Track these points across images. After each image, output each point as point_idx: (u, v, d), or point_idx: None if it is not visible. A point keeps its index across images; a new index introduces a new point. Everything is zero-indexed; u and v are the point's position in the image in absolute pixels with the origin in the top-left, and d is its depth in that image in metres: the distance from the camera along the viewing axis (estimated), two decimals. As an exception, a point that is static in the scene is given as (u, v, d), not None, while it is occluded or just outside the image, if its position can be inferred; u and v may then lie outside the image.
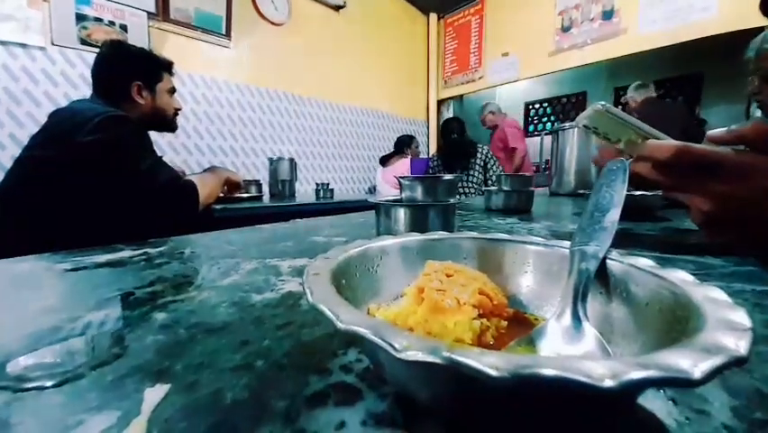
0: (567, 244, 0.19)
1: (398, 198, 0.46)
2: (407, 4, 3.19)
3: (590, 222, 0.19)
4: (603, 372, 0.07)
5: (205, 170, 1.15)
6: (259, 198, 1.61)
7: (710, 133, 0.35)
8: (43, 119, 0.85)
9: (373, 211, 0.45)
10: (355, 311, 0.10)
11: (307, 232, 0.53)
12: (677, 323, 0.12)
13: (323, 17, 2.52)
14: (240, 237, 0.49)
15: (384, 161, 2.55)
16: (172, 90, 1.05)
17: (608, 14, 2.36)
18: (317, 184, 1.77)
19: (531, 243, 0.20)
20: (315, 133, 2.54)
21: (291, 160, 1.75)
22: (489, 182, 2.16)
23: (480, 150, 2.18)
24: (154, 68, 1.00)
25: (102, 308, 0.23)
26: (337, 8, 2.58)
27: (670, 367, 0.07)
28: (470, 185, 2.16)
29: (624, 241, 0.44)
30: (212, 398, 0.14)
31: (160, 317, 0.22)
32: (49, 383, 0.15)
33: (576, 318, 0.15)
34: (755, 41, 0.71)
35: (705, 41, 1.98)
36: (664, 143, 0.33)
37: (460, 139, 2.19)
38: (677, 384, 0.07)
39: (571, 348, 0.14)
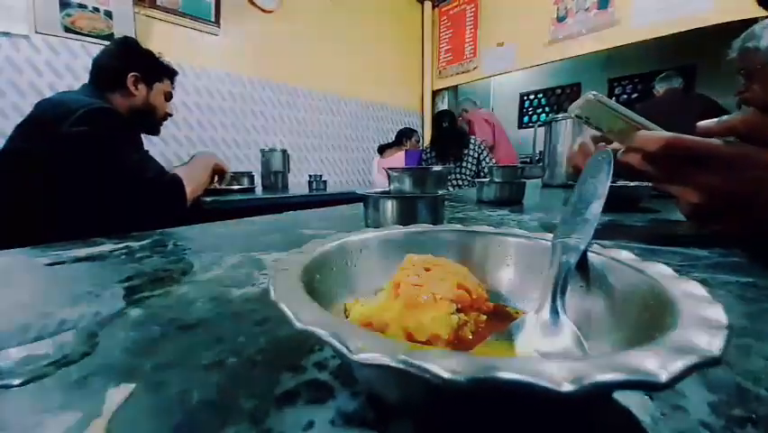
0: (550, 236, 0.19)
1: (386, 189, 0.46)
2: (402, -8, 3.13)
3: (573, 214, 0.18)
4: (563, 375, 0.07)
5: (191, 157, 1.09)
6: (251, 190, 1.60)
7: (700, 124, 0.34)
8: (28, 110, 0.82)
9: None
10: (318, 310, 0.10)
11: (296, 224, 0.52)
12: (653, 319, 0.12)
13: (315, 4, 2.46)
14: (226, 230, 0.48)
15: (381, 150, 2.54)
16: (169, 96, 1.05)
17: (603, 3, 2.33)
18: (310, 176, 1.76)
19: (513, 235, 0.20)
20: (308, 124, 2.51)
21: (284, 151, 1.73)
22: (482, 174, 2.16)
23: (473, 141, 2.17)
24: (157, 68, 1.00)
25: (75, 304, 0.23)
26: (330, -5, 2.52)
27: (635, 369, 0.07)
28: (463, 177, 2.16)
29: (611, 232, 0.44)
30: (178, 398, 0.13)
31: (134, 313, 0.21)
32: (15, 382, 0.15)
33: (554, 312, 0.14)
34: (737, 40, 0.71)
35: (699, 33, 1.97)
36: (654, 134, 0.32)
37: (451, 128, 2.18)
38: (642, 387, 0.07)
39: (548, 343, 0.14)
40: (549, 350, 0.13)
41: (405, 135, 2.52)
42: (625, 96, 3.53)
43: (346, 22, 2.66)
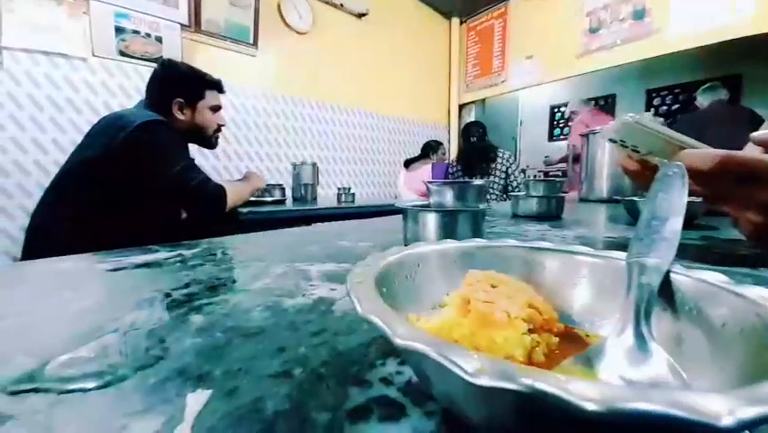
0: (619, 254, 0.18)
1: (425, 202, 0.45)
2: (429, 10, 3.19)
3: (648, 231, 0.17)
4: (719, 408, 0.06)
5: (245, 175, 1.24)
6: (282, 202, 1.64)
7: (754, 135, 0.32)
8: (84, 126, 0.91)
9: (396, 216, 0.44)
10: (411, 325, 0.10)
11: (332, 236, 0.53)
12: (765, 348, 0.11)
13: (346, 24, 2.56)
14: (267, 241, 0.50)
15: (408, 164, 2.55)
16: (216, 108, 1.09)
17: (639, 14, 2.27)
18: (339, 188, 1.79)
19: (580, 252, 0.19)
20: (338, 138, 2.57)
21: (314, 164, 1.77)
22: (510, 188, 2.11)
23: (500, 155, 2.14)
24: (197, 87, 1.04)
25: (141, 309, 0.24)
26: (360, 15, 2.61)
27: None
28: (491, 190, 2.12)
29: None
30: (253, 406, 0.14)
31: (197, 319, 0.22)
32: (91, 385, 0.15)
33: (640, 338, 0.13)
34: None
35: (743, 42, 1.87)
36: (704, 152, 0.30)
37: (479, 142, 2.16)
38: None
39: (637, 371, 0.13)
40: (638, 378, 0.13)
41: (431, 148, 2.51)
42: (664, 108, 3.37)
43: (375, 40, 2.73)
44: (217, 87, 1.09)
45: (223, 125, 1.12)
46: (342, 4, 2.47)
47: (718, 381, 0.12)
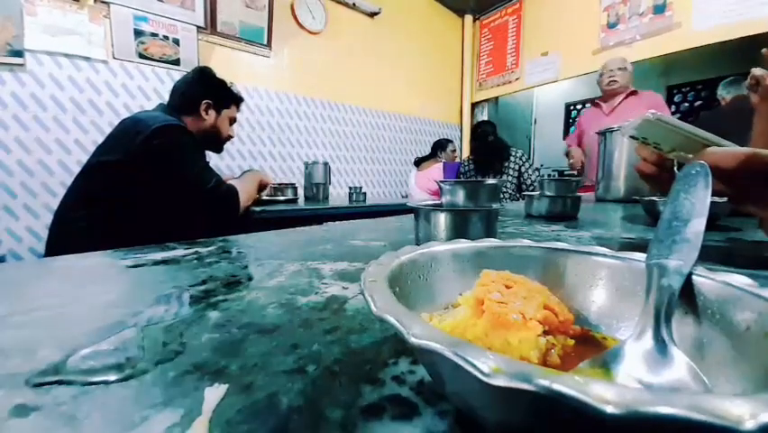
0: (640, 256, 0.18)
1: (437, 202, 0.45)
2: (442, 7, 3.17)
3: (669, 233, 0.17)
4: (741, 411, 0.06)
5: (243, 173, 1.26)
6: (294, 201, 1.66)
7: None
8: (105, 127, 0.95)
9: (408, 215, 0.44)
10: (426, 324, 0.10)
11: (344, 235, 0.53)
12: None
13: (358, 24, 2.56)
14: (281, 239, 0.50)
15: (418, 163, 2.54)
16: (233, 120, 1.19)
17: (659, 8, 2.20)
18: (350, 188, 1.79)
19: (597, 253, 0.18)
20: (349, 137, 2.58)
21: (325, 164, 1.78)
22: (524, 187, 2.08)
23: (513, 154, 2.11)
24: (227, 96, 1.13)
25: (159, 304, 0.25)
26: (372, 15, 2.61)
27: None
28: (504, 190, 2.10)
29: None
30: (268, 401, 0.14)
31: (213, 315, 0.23)
32: (113, 378, 0.16)
33: (660, 341, 0.13)
34: None
35: (770, 35, 1.79)
36: (730, 150, 0.29)
37: (494, 141, 2.13)
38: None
39: (657, 375, 0.12)
40: (657, 382, 0.12)
41: (440, 147, 2.49)
42: (686, 105, 3.26)
43: (387, 39, 2.73)
44: (240, 102, 1.20)
45: (232, 137, 1.21)
46: (354, 4, 2.48)
47: (741, 385, 0.11)
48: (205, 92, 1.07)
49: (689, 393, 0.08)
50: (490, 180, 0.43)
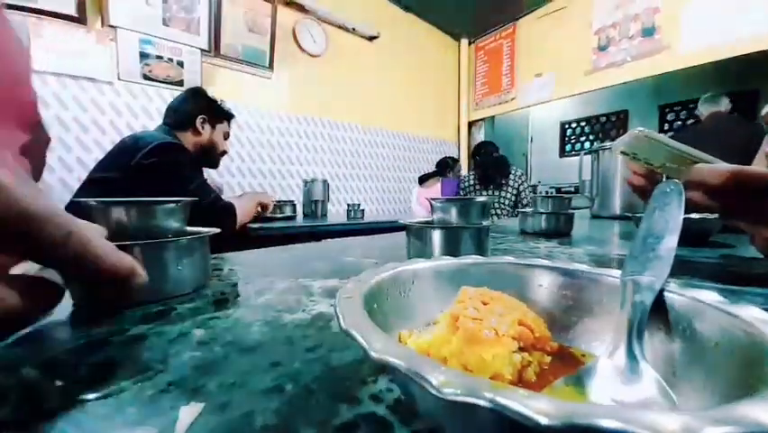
0: (616, 272, 0.18)
1: (430, 219, 0.46)
2: (438, 32, 3.28)
3: (643, 249, 0.17)
4: (673, 427, 0.06)
5: (240, 195, 1.31)
6: (292, 218, 1.67)
7: None
8: (108, 145, 0.96)
9: (403, 232, 0.44)
10: (389, 340, 0.10)
11: (338, 252, 0.53)
12: (752, 368, 0.11)
13: (357, 47, 2.65)
14: (274, 256, 0.51)
15: (422, 180, 2.57)
16: (227, 135, 1.26)
17: (648, 31, 2.28)
18: (348, 205, 1.81)
19: (575, 270, 0.19)
20: (348, 155, 2.62)
21: (324, 181, 1.80)
22: (520, 205, 2.10)
23: (513, 172, 2.14)
24: (220, 113, 1.21)
25: (147, 322, 0.25)
26: (371, 39, 2.70)
27: (756, 423, 0.06)
28: (502, 207, 2.11)
29: (679, 269, 0.40)
30: (243, 420, 0.14)
31: (198, 333, 0.23)
32: (92, 396, 0.16)
33: (632, 358, 0.13)
34: None
35: (759, 57, 1.84)
36: (716, 168, 0.30)
37: (499, 156, 2.19)
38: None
39: (628, 392, 0.12)
40: (629, 400, 0.12)
41: (447, 165, 2.52)
42: (678, 123, 3.33)
43: (386, 62, 2.82)
44: (231, 118, 1.27)
45: (226, 152, 1.28)
46: (354, 28, 2.57)
47: (709, 400, 0.11)
48: (200, 108, 1.14)
49: (628, 408, 0.08)
50: (480, 198, 0.43)
